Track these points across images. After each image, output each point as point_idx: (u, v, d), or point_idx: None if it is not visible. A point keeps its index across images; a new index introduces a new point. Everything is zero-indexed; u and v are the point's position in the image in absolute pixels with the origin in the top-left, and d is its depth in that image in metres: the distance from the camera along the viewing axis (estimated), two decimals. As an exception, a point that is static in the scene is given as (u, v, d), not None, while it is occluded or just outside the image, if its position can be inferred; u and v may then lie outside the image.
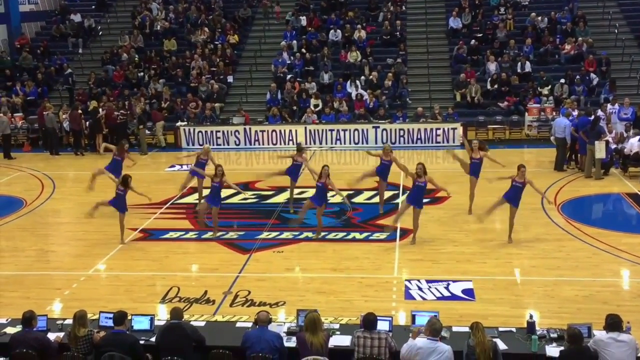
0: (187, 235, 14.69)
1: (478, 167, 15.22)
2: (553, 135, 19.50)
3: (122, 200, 14.17)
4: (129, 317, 9.05)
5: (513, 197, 13.15)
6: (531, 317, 8.90)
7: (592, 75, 24.26)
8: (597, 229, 14.19)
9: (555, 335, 8.64)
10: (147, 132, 23.97)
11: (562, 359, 7.92)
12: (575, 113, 19.82)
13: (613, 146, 18.73)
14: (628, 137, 19.02)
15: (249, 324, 9.27)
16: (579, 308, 10.52)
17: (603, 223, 14.67)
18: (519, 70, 25.11)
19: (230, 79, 26.94)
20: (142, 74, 27.16)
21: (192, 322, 9.29)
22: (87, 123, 23.67)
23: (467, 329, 8.11)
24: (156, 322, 9.26)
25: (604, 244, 13.27)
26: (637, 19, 27.23)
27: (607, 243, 13.27)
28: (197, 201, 16.60)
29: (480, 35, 27.06)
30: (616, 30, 26.48)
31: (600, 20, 27.58)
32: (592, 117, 18.73)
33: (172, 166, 21.20)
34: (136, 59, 27.87)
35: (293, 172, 15.80)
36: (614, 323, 7.94)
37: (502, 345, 8.28)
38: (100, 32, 30.60)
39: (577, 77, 24.15)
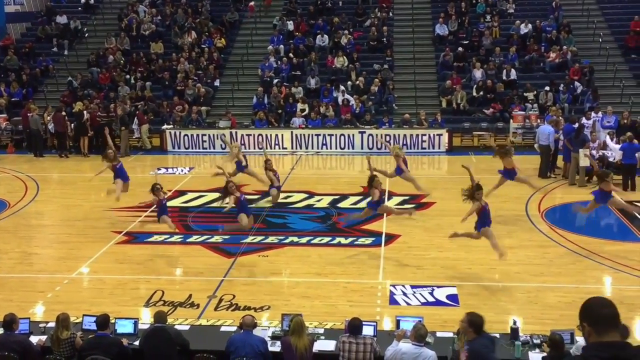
0: (172, 239, 14.63)
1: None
2: (537, 143, 19.64)
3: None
4: (112, 321, 9.02)
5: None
6: (515, 323, 8.96)
7: (577, 84, 24.50)
8: (581, 236, 14.31)
9: (538, 341, 8.71)
10: (133, 134, 23.92)
11: (544, 364, 7.97)
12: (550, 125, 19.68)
13: (596, 154, 18.89)
14: (611, 145, 19.20)
15: (234, 328, 9.26)
16: (562, 314, 10.59)
17: (586, 230, 14.78)
18: (504, 78, 25.29)
19: (217, 82, 26.92)
20: (128, 76, 27.06)
21: (176, 326, 9.27)
22: (72, 125, 23.53)
23: (451, 335, 8.15)
24: (140, 326, 9.23)
25: (587, 250, 13.37)
26: (621, 29, 27.52)
27: (590, 250, 13.38)
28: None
29: (467, 42, 27.25)
30: (600, 40, 26.76)
31: (584, 29, 27.85)
32: (577, 125, 18.88)
33: (158, 169, 21.11)
34: (122, 61, 27.77)
35: None
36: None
37: (485, 351, 8.31)
38: (87, 34, 30.46)
39: (562, 85, 24.37)
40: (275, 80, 26.00)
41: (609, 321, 3.44)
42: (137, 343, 8.75)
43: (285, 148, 23.17)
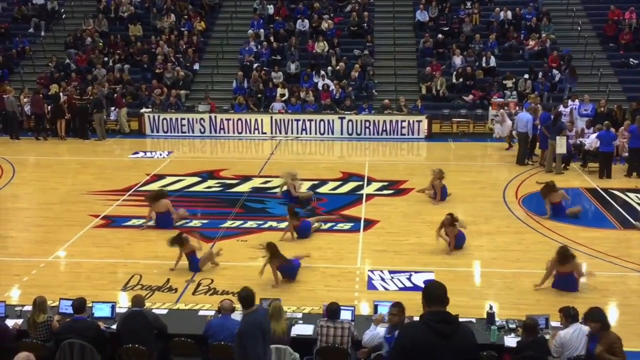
0: (150, 223, 14.54)
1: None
2: (515, 130, 19.77)
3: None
4: (89, 304, 8.99)
5: None
6: (491, 308, 9.07)
7: (555, 72, 24.67)
8: (556, 222, 14.46)
9: (513, 325, 8.82)
10: (111, 117, 23.69)
11: (519, 349, 8.09)
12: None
13: (572, 141, 19.08)
14: (588, 133, 19.41)
15: (212, 312, 9.27)
16: (537, 300, 10.73)
17: (562, 217, 14.93)
18: (483, 65, 25.38)
19: (196, 66, 26.72)
20: (106, 59, 26.76)
21: (154, 310, 9.25)
22: (49, 107, 23.25)
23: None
24: (117, 310, 9.20)
25: (562, 237, 13.52)
26: (600, 17, 27.72)
27: (565, 236, 13.53)
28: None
29: (447, 28, 27.28)
30: (579, 28, 26.93)
31: (563, 18, 28.01)
32: (554, 113, 19.03)
33: (136, 153, 20.98)
34: (100, 43, 27.44)
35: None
36: (575, 315, 8.15)
37: (462, 335, 8.40)
38: (64, 15, 30.03)
39: (541, 73, 24.53)
40: (255, 65, 25.85)
41: (438, 299, 4.91)
42: (114, 327, 8.73)
43: (265, 133, 23.10)
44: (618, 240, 13.20)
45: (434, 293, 4.96)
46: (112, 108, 23.82)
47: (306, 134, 23.05)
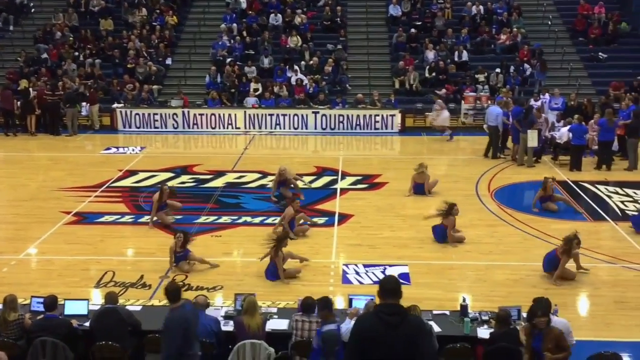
0: (123, 219, 14.44)
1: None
2: (486, 124, 19.95)
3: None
4: (61, 302, 8.90)
5: None
6: (464, 300, 9.15)
7: (526, 66, 24.93)
8: (528, 215, 14.63)
9: (486, 317, 8.92)
10: (82, 113, 23.41)
11: (491, 340, 8.19)
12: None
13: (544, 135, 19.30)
14: (558, 127, 19.64)
15: (186, 308, 9.22)
16: (510, 291, 10.86)
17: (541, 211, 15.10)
18: (456, 59, 25.54)
19: (168, 61, 26.50)
20: (77, 53, 26.43)
21: (127, 307, 9.19)
22: (19, 103, 22.90)
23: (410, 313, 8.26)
24: (90, 307, 9.12)
25: (534, 229, 13.70)
26: (569, 12, 28.04)
27: (537, 229, 13.71)
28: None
29: (419, 23, 27.39)
30: (549, 22, 27.22)
31: (534, 12, 28.29)
32: (525, 106, 19.22)
33: (108, 148, 20.78)
34: (71, 38, 27.09)
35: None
36: (547, 306, 8.23)
37: (436, 328, 8.50)
38: (33, 10, 29.59)
39: (512, 67, 24.76)
40: (228, 59, 25.72)
41: (390, 292, 5.28)
42: (87, 324, 8.66)
43: (239, 128, 23.02)
44: (588, 232, 13.38)
45: (387, 287, 5.33)
46: (84, 103, 23.52)
47: (280, 128, 23.01)
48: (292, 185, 15.65)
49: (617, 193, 16.24)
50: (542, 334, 7.75)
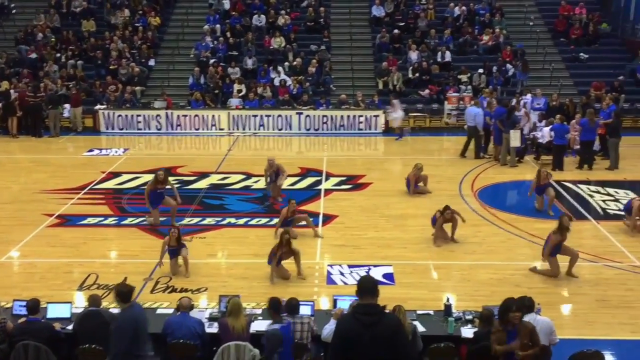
0: (107, 221, 14.36)
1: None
2: (466, 124, 20.08)
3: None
4: (44, 305, 8.84)
5: None
6: (448, 300, 9.19)
7: (509, 66, 25.08)
8: (511, 214, 14.73)
9: (470, 317, 8.96)
10: (64, 115, 23.23)
11: (475, 339, 8.22)
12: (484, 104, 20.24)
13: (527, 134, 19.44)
14: (540, 127, 19.78)
15: (170, 311, 9.20)
16: (493, 291, 10.91)
17: (517, 209, 15.22)
18: (439, 60, 25.65)
19: (151, 62, 26.39)
20: (59, 55, 26.25)
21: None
22: (0, 105, 22.69)
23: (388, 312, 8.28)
24: (73, 310, 9.06)
25: (517, 229, 13.79)
26: (551, 12, 28.25)
27: (520, 228, 13.80)
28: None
29: (402, 24, 27.48)
30: (531, 23, 27.41)
31: (516, 13, 28.47)
32: (508, 107, 19.33)
33: (91, 150, 20.66)
34: (52, 39, 26.88)
35: None
36: (531, 306, 8.30)
37: (420, 328, 8.52)
38: (14, 10, 29.34)
39: (495, 67, 24.91)
40: (212, 60, 25.66)
41: (368, 291, 5.43)
42: (70, 327, 8.60)
43: (222, 129, 22.97)
44: (570, 231, 13.49)
45: (364, 286, 5.50)
46: (66, 105, 23.35)
47: (264, 129, 22.99)
48: (282, 175, 15.54)
49: (598, 192, 16.39)
50: (516, 330, 7.72)
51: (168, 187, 14.03)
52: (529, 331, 7.70)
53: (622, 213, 14.38)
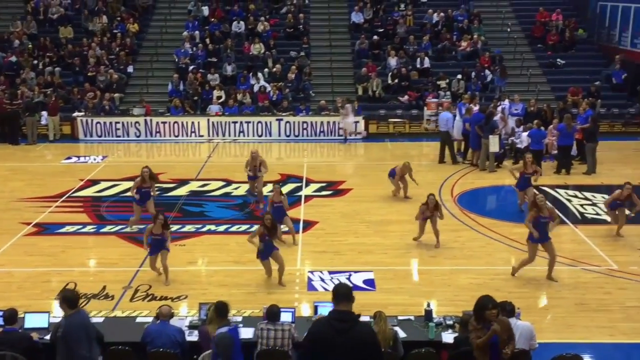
0: (85, 229, 14.24)
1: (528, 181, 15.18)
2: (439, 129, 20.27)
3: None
4: (21, 315, 8.73)
5: None
6: (428, 305, 9.21)
7: (487, 72, 25.28)
8: (491, 219, 14.83)
9: (451, 322, 8.99)
10: (42, 122, 22.99)
11: (456, 344, 8.25)
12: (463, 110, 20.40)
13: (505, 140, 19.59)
14: (518, 132, 19.94)
15: (150, 319, 9.12)
16: (473, 296, 10.79)
17: (496, 214, 15.33)
18: (418, 66, 25.78)
19: (130, 68, 26.24)
20: (36, 62, 26.01)
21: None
22: (-24, 112, 22.43)
23: (368, 319, 8.29)
24: (51, 320, 8.96)
25: (496, 233, 13.88)
26: (528, 19, 28.53)
27: (499, 233, 13.89)
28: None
29: (382, 30, 27.59)
30: (508, 29, 27.66)
31: (493, 19, 28.71)
32: (486, 112, 19.46)
33: (69, 158, 20.47)
34: (30, 46, 26.64)
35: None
36: (511, 310, 8.33)
37: (401, 333, 8.54)
38: (-10, 17, 29.04)
39: (473, 73, 25.09)
40: (191, 67, 25.57)
41: (343, 297, 5.54)
42: (48, 337, 8.49)
43: (202, 136, 22.87)
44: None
45: (339, 293, 5.61)
46: (43, 112, 23.11)
47: (244, 136, 22.93)
48: (263, 168, 15.57)
49: (576, 197, 16.55)
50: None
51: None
52: (507, 326, 7.62)
53: (600, 217, 14.52)
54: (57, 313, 9.81)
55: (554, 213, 11.85)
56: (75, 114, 23.22)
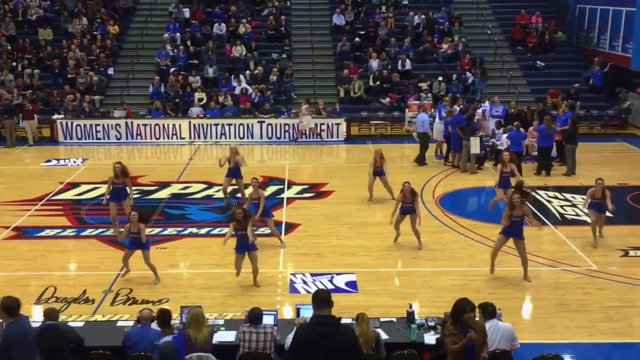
0: (65, 233, 14.11)
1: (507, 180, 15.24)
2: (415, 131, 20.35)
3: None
4: None
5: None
6: (411, 307, 9.24)
7: (468, 74, 25.43)
8: (472, 220, 14.90)
9: (433, 323, 9.02)
10: (20, 125, 22.73)
11: (438, 345, 8.28)
12: (444, 112, 20.50)
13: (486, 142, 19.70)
14: (499, 134, 20.06)
15: (131, 323, 9.07)
16: (455, 297, 10.79)
17: (477, 215, 15.41)
18: (399, 68, 25.87)
19: (110, 70, 26.07)
20: (15, 63, 25.76)
21: (69, 323, 8.98)
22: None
23: (350, 320, 8.30)
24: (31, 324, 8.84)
25: (478, 235, 13.95)
26: (508, 21, 28.74)
27: (480, 234, 13.96)
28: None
29: (363, 32, 27.66)
30: (489, 32, 27.85)
31: (474, 22, 28.89)
32: (467, 114, 19.56)
33: (48, 160, 20.28)
34: (8, 47, 26.37)
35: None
36: (493, 311, 8.36)
37: (383, 335, 8.55)
38: (-33, 18, 28.73)
39: (454, 75, 25.22)
40: (172, 69, 25.46)
41: (323, 302, 5.72)
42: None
43: (184, 138, 22.76)
44: (529, 236, 13.63)
45: (319, 297, 5.80)
46: (21, 116, 22.87)
47: (225, 138, 22.84)
48: (242, 166, 15.62)
49: (556, 198, 16.68)
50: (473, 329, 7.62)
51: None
52: (482, 329, 7.58)
53: (580, 218, 14.65)
54: (37, 318, 9.74)
55: (529, 215, 11.95)
56: (55, 116, 23.01)
